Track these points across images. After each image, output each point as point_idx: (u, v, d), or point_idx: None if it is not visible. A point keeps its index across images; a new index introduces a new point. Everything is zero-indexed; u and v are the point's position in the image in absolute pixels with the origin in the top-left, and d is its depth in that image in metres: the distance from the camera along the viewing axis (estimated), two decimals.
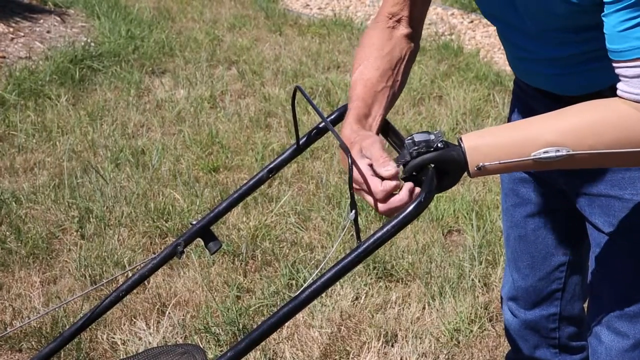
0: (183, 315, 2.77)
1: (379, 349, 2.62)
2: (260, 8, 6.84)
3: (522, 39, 1.50)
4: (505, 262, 1.90)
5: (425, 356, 2.60)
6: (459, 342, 2.67)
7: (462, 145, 1.30)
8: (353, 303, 2.85)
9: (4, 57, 5.15)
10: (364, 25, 6.38)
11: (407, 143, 1.31)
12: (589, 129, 1.28)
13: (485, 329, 2.73)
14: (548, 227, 1.75)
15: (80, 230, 3.25)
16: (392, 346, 2.65)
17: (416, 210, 1.24)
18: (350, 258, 1.24)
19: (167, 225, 3.28)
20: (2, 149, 3.96)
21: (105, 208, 3.38)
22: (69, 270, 3.00)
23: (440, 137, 1.30)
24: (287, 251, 3.16)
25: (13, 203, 3.41)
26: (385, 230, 1.23)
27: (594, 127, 1.28)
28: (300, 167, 3.83)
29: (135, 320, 2.74)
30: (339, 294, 2.87)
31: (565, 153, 1.28)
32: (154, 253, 3.09)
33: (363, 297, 2.88)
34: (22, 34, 5.56)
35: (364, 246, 1.24)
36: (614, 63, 1.29)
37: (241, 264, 3.05)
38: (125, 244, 3.15)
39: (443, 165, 1.30)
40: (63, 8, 6.30)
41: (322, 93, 4.79)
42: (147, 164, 3.81)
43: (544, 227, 1.75)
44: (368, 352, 2.61)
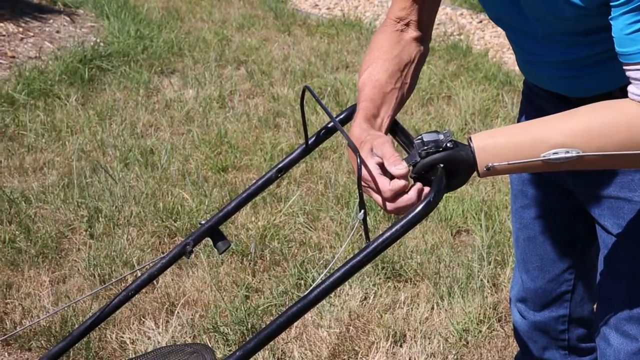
0: (192, 314, 2.78)
1: (388, 349, 2.61)
2: (269, 8, 6.84)
3: (530, 42, 1.49)
4: (514, 263, 1.90)
5: (433, 356, 2.60)
6: (468, 343, 2.67)
7: (472, 145, 1.30)
8: (362, 303, 2.85)
9: (14, 57, 5.16)
10: (373, 25, 6.38)
11: (416, 143, 1.31)
12: (599, 131, 1.27)
13: (494, 330, 2.73)
14: (557, 229, 1.74)
15: (89, 229, 3.26)
16: (401, 346, 2.65)
17: (425, 210, 1.24)
18: (359, 258, 1.24)
19: (176, 224, 3.29)
20: (12, 149, 3.97)
21: (114, 208, 3.39)
22: (78, 269, 3.01)
23: (449, 137, 1.30)
24: (296, 251, 3.16)
25: (22, 202, 3.42)
26: (394, 230, 1.23)
27: (604, 129, 1.27)
28: (309, 167, 3.83)
29: (144, 319, 2.74)
30: (348, 294, 2.87)
31: (575, 154, 1.27)
32: (163, 253, 3.10)
33: (372, 297, 2.88)
34: (32, 34, 5.58)
35: (373, 246, 1.24)
36: (624, 66, 1.29)
37: (250, 264, 3.06)
38: (134, 244, 3.15)
39: (452, 165, 1.30)
40: (72, 8, 6.31)
41: (331, 93, 4.78)
42: (156, 164, 3.82)
43: (553, 229, 1.74)
44: (377, 352, 2.60)
